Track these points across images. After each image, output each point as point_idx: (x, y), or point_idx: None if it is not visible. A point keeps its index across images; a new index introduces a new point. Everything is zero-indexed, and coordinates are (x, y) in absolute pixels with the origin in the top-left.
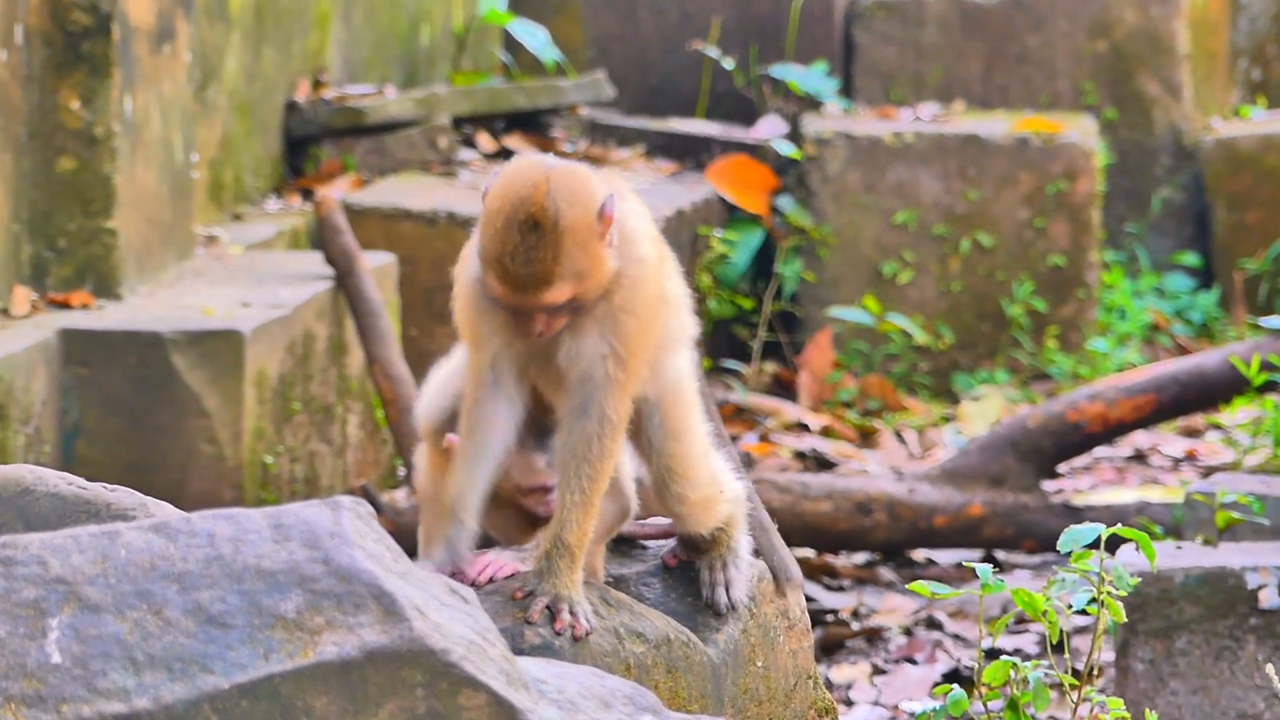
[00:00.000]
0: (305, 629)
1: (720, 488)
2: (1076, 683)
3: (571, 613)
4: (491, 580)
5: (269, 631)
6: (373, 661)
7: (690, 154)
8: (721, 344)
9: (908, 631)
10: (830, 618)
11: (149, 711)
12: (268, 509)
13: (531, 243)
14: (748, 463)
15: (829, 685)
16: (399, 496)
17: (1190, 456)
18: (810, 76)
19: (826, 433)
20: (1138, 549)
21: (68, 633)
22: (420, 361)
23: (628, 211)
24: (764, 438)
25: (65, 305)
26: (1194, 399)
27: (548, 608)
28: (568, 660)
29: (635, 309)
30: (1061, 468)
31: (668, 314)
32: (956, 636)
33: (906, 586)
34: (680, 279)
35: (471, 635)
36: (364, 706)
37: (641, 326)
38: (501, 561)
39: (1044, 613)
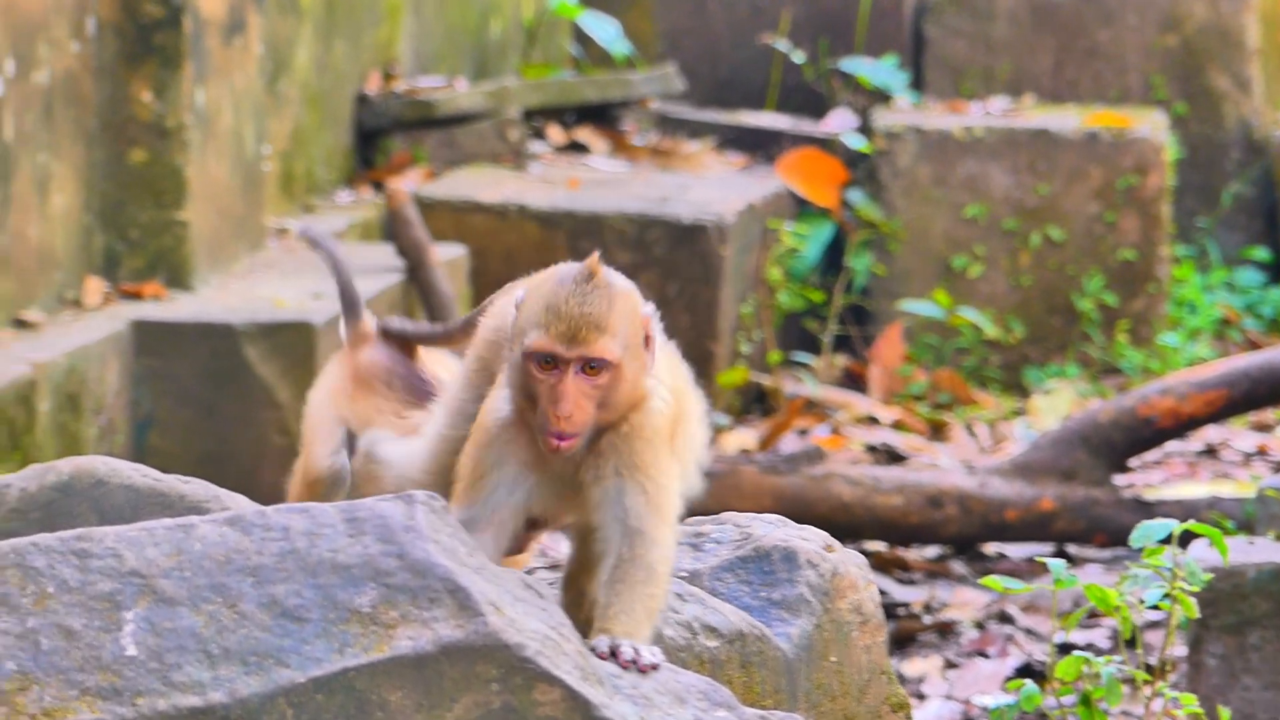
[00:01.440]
0: (380, 623)
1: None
2: (1149, 678)
3: (635, 650)
4: None
5: (344, 625)
6: (448, 656)
7: (760, 147)
8: (792, 337)
9: (980, 626)
10: (902, 611)
11: (224, 705)
12: (342, 503)
13: (586, 289)
14: (818, 455)
15: (900, 679)
16: None
17: (1262, 451)
18: (880, 70)
19: (897, 426)
20: (1210, 544)
21: (143, 626)
22: None
23: (663, 344)
24: (835, 431)
25: (137, 296)
26: (1265, 394)
27: (610, 649)
28: None
29: (652, 436)
30: (1132, 462)
31: (691, 451)
32: (1028, 631)
33: (978, 581)
34: (700, 408)
35: (546, 630)
36: (439, 701)
37: (658, 452)
38: None
39: (1116, 608)
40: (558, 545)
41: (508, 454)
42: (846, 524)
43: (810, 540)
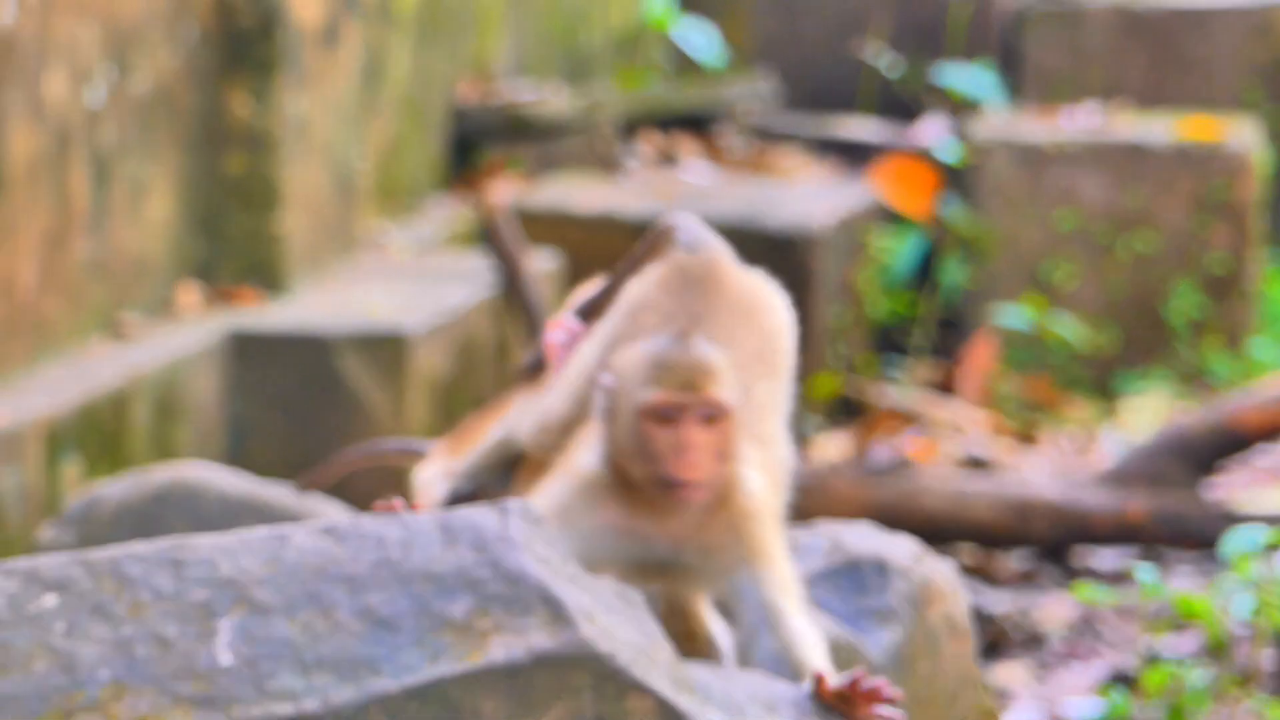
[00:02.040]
0: (473, 632)
1: None
2: (1238, 686)
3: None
4: None
5: (437, 634)
6: (540, 665)
7: (852, 157)
8: (882, 346)
9: (1069, 633)
10: (991, 620)
11: (317, 714)
12: (437, 513)
13: (687, 343)
14: (908, 465)
15: (989, 688)
16: None
17: None
18: (972, 78)
19: (987, 435)
20: None
21: (237, 634)
22: None
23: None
24: (925, 440)
25: (233, 304)
26: None
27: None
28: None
29: (760, 518)
30: (1220, 470)
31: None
32: (1117, 639)
33: (1067, 588)
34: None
35: (638, 640)
36: (531, 710)
37: (768, 533)
38: None
39: (1205, 617)
40: None
41: (595, 509)
42: (935, 533)
43: (901, 549)
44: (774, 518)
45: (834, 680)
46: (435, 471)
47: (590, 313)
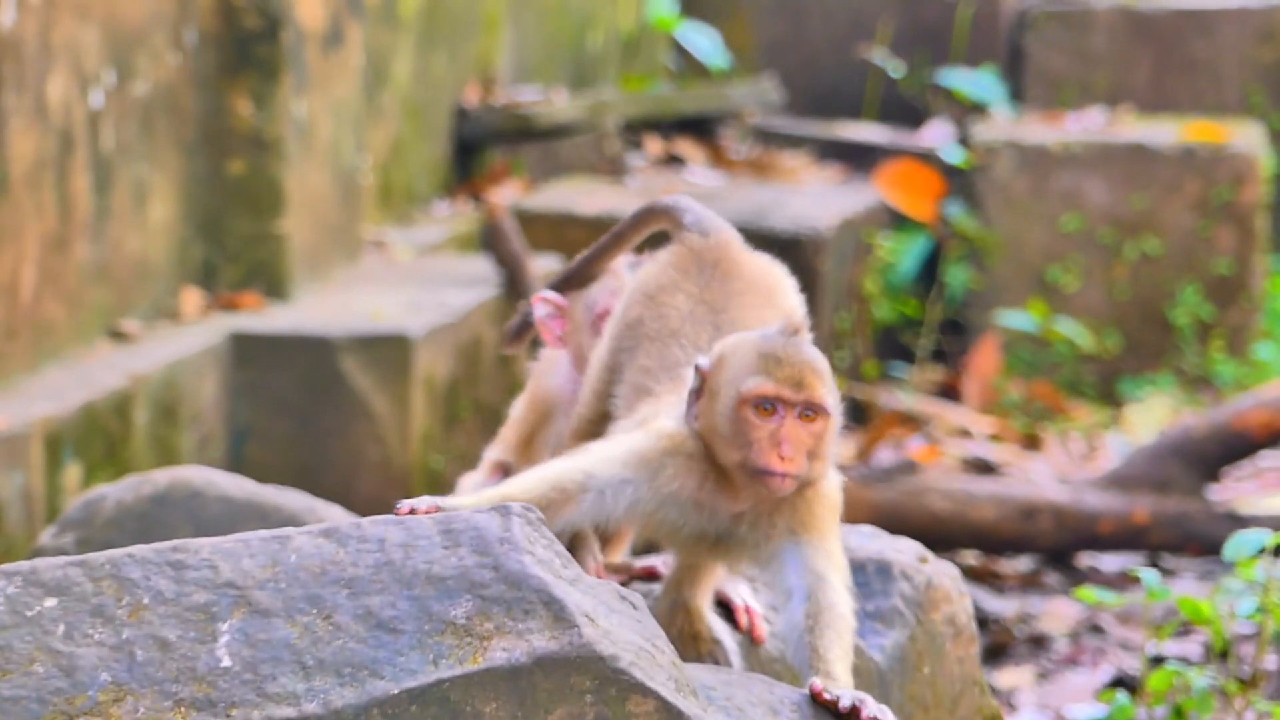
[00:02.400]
0: (475, 635)
1: None
2: (1241, 690)
3: (879, 708)
4: None
5: (439, 637)
6: (542, 668)
7: (858, 159)
8: (887, 348)
9: (1072, 637)
10: (995, 623)
11: (318, 716)
12: (438, 515)
13: (798, 341)
14: (913, 468)
15: (992, 690)
16: None
17: None
18: (978, 82)
19: (992, 438)
20: None
21: (238, 637)
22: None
23: None
24: (930, 442)
25: (235, 307)
26: None
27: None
28: (738, 667)
29: (829, 503)
30: (1225, 474)
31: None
32: (1121, 642)
33: (1072, 592)
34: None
35: (640, 642)
36: (533, 712)
37: (832, 518)
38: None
39: (1209, 620)
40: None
41: (670, 471)
42: (940, 536)
43: (904, 552)
44: (839, 511)
45: (832, 694)
46: (480, 474)
47: (566, 285)
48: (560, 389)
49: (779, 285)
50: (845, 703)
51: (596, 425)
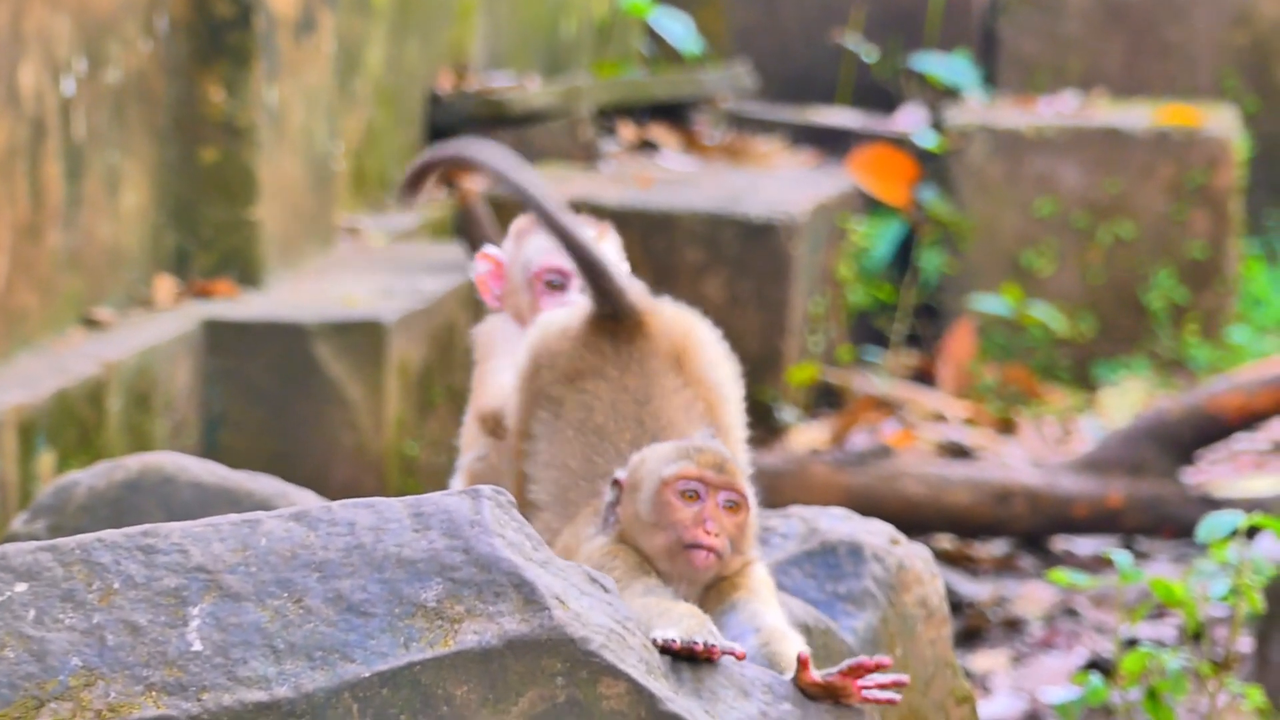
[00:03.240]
0: (446, 618)
1: None
2: (1215, 672)
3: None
4: None
5: (409, 620)
6: (513, 650)
7: (831, 145)
8: (861, 334)
9: (1047, 620)
10: (969, 606)
11: (289, 700)
12: (408, 498)
13: (714, 441)
14: (887, 452)
15: (966, 674)
16: None
17: None
18: (951, 66)
19: (966, 422)
20: (1276, 538)
21: (209, 621)
22: None
23: None
24: (904, 427)
25: (208, 295)
26: None
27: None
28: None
29: (768, 593)
30: (1200, 458)
31: None
32: (1095, 625)
33: (1045, 575)
34: None
35: (611, 624)
36: (504, 695)
37: (774, 603)
38: None
39: (1183, 602)
40: None
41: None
42: (915, 520)
43: (876, 534)
44: (772, 587)
45: (820, 671)
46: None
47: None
48: (502, 333)
49: (699, 353)
50: (849, 661)
51: (505, 478)
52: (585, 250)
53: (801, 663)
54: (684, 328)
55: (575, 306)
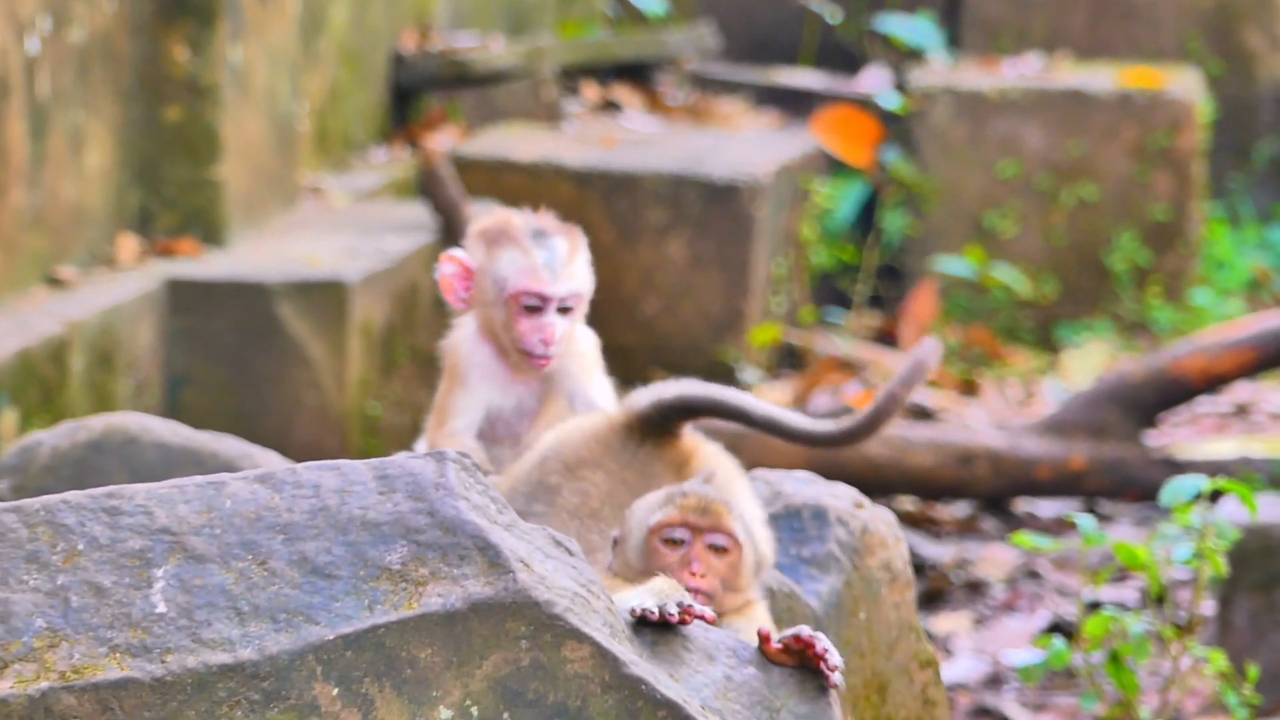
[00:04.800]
0: (410, 580)
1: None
2: (1178, 635)
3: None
4: None
5: (374, 583)
6: (477, 613)
7: (795, 106)
8: (824, 294)
9: (1009, 583)
10: (932, 569)
11: (253, 662)
12: (373, 460)
13: (706, 484)
14: (850, 414)
15: (929, 636)
16: None
17: None
18: (915, 28)
19: (929, 384)
20: (1239, 502)
21: (173, 583)
22: None
23: None
24: (867, 388)
25: (171, 254)
26: None
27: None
28: None
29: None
30: (1163, 420)
31: None
32: (1058, 588)
33: (1008, 538)
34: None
35: (576, 587)
36: (468, 658)
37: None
38: None
39: (1145, 565)
40: None
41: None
42: (877, 482)
43: (840, 497)
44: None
45: (780, 635)
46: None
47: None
48: (469, 358)
49: (701, 464)
50: (805, 633)
51: None
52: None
53: (763, 637)
54: (693, 443)
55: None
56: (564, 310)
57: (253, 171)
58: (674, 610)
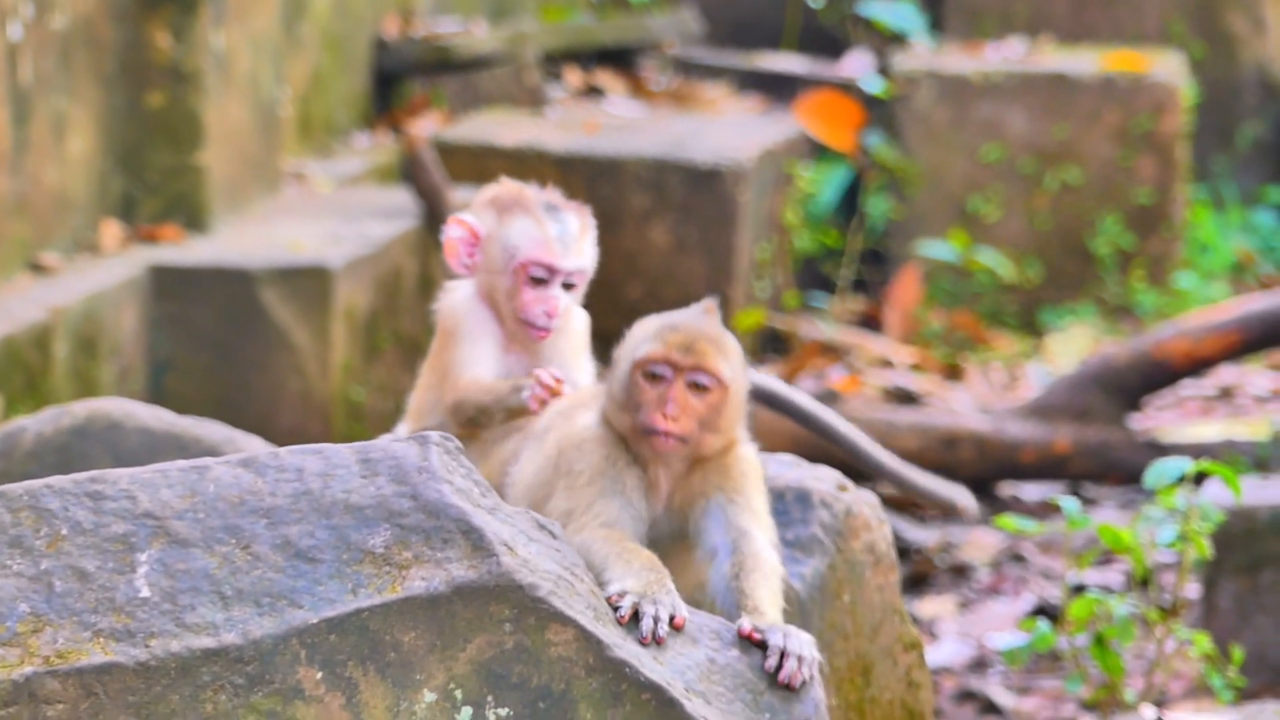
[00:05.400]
0: (393, 564)
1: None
2: (1162, 618)
3: (801, 657)
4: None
5: (357, 566)
6: (460, 596)
7: (778, 90)
8: (808, 280)
9: (994, 566)
10: (916, 552)
11: (237, 646)
12: (356, 444)
13: (702, 316)
14: (834, 398)
15: (913, 619)
16: None
17: (1277, 393)
18: (897, 12)
19: (913, 368)
20: (1224, 484)
21: (156, 567)
22: None
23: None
24: (851, 373)
25: (154, 240)
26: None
27: (780, 653)
28: None
29: (746, 466)
30: (1147, 403)
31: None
32: (1042, 571)
33: (993, 521)
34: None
35: (559, 571)
36: (452, 641)
37: (754, 478)
38: None
39: (1130, 548)
40: None
41: (617, 482)
42: (862, 466)
43: (824, 480)
44: (760, 477)
45: (761, 632)
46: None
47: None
48: (469, 318)
49: None
50: (775, 640)
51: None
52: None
53: (743, 635)
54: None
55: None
56: (568, 286)
57: (236, 157)
58: (647, 633)
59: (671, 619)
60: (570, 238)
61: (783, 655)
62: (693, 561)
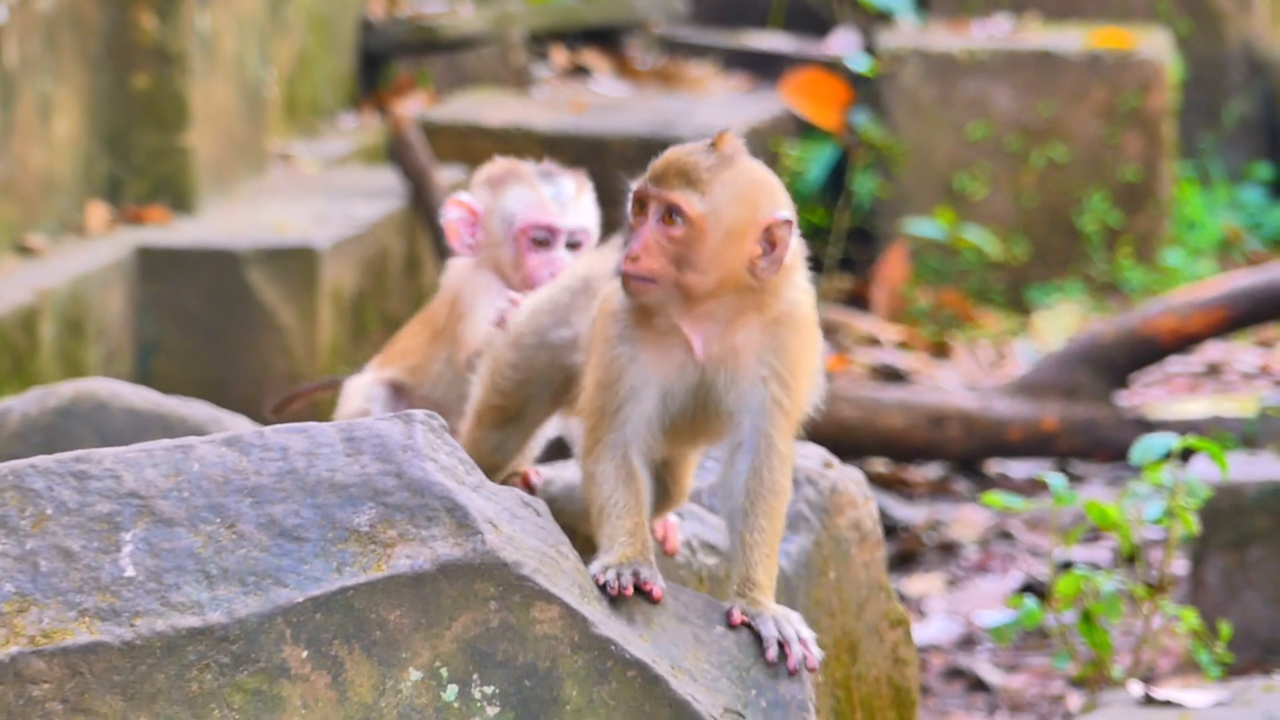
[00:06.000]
0: (378, 542)
1: None
2: (1149, 594)
3: (801, 638)
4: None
5: (342, 545)
6: (445, 574)
7: (764, 69)
8: None
9: (981, 543)
10: (904, 530)
11: (222, 625)
12: (340, 422)
13: (703, 148)
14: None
15: (901, 597)
16: None
17: (1263, 369)
18: None
19: (900, 346)
20: (1211, 460)
21: (141, 547)
22: None
23: (800, 252)
24: (838, 351)
25: (141, 222)
26: (1267, 311)
27: (778, 643)
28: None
29: (798, 329)
30: (1134, 380)
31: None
32: (1030, 548)
33: (980, 499)
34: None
35: (544, 548)
36: (437, 619)
37: (804, 347)
38: None
39: (1117, 525)
40: None
41: (633, 356)
42: (849, 444)
43: (809, 458)
44: (812, 339)
45: (754, 622)
46: (364, 381)
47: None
48: (474, 282)
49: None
50: (768, 630)
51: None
52: None
53: (733, 624)
54: None
55: None
56: (572, 246)
57: (222, 139)
58: (627, 581)
59: (650, 591)
60: (566, 197)
61: (782, 645)
62: (721, 430)
